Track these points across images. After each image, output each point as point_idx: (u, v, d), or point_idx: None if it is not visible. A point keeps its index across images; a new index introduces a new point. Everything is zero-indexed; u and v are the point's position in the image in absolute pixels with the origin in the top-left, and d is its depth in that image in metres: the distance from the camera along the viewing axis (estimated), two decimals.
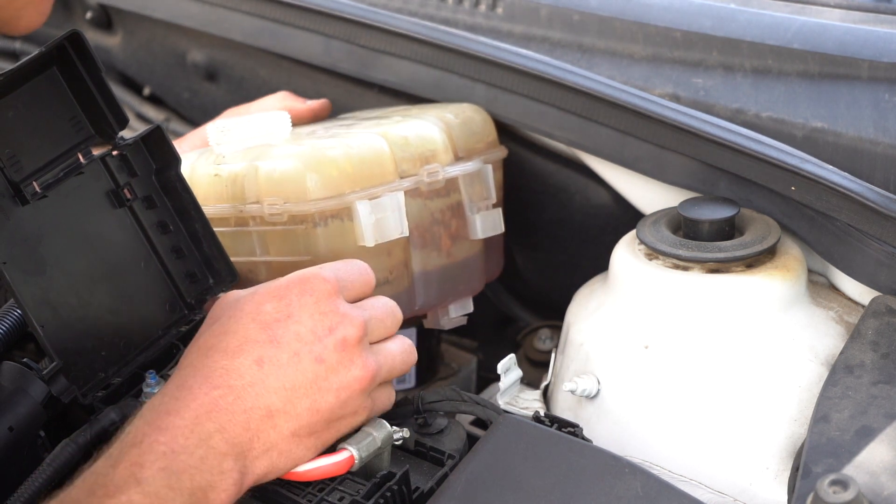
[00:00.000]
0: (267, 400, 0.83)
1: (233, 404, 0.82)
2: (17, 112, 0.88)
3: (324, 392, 0.84)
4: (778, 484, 0.91)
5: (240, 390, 0.82)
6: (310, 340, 0.85)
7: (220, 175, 1.10)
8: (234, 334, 0.85)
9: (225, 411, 0.81)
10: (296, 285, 0.87)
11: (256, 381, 0.83)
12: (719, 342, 0.97)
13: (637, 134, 1.10)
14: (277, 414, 0.83)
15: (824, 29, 1.10)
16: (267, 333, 0.84)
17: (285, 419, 0.83)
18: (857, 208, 0.97)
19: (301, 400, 0.84)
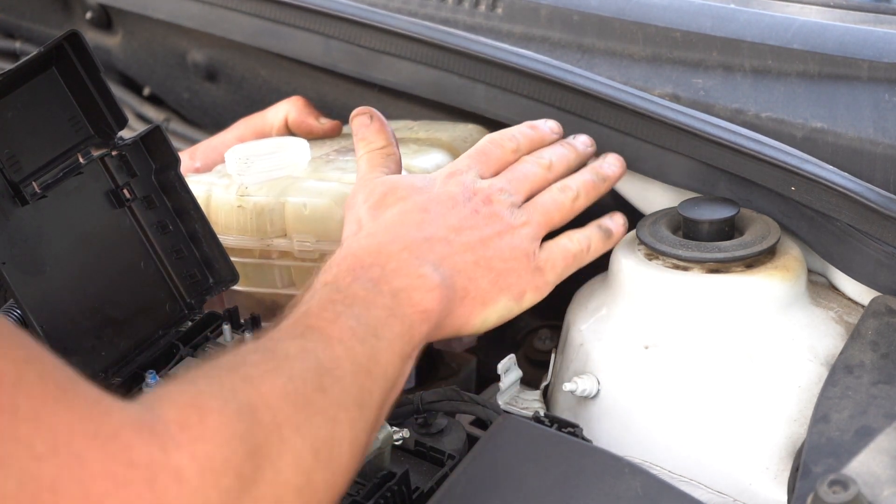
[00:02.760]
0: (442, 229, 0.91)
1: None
2: (17, 112, 0.89)
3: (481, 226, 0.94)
4: (777, 484, 0.91)
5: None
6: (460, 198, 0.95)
7: (245, 207, 1.10)
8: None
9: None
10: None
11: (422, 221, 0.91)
12: (719, 342, 0.96)
13: (637, 134, 1.10)
14: (450, 240, 0.91)
15: (824, 29, 1.10)
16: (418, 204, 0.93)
17: (461, 245, 0.92)
18: (857, 208, 0.97)
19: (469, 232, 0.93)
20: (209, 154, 1.30)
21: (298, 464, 0.67)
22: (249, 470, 0.63)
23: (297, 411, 0.69)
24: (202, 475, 0.60)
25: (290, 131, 1.31)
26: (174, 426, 0.61)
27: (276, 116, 1.31)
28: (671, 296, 0.99)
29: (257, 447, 0.64)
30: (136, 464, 0.58)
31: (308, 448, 0.68)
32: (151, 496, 0.58)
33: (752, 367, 0.95)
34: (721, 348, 0.96)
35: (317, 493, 0.68)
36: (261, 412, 0.66)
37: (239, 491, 0.62)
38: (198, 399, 0.65)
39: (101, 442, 0.58)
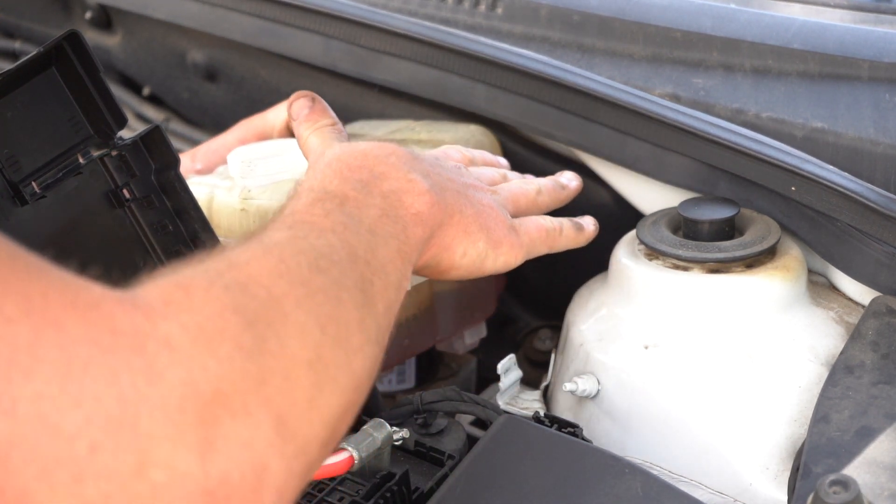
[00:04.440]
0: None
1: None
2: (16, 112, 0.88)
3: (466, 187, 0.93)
4: (778, 484, 0.91)
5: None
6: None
7: (248, 210, 1.10)
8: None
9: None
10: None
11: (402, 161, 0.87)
12: (719, 342, 0.96)
13: (637, 134, 1.10)
14: (435, 168, 0.90)
15: (824, 29, 1.10)
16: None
17: (446, 176, 0.91)
18: (857, 208, 0.96)
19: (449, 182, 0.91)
20: (210, 156, 1.30)
21: (305, 337, 0.62)
22: (250, 340, 0.58)
23: (294, 287, 0.64)
24: (195, 343, 0.55)
25: (291, 132, 1.30)
26: (158, 301, 0.57)
27: (277, 118, 1.30)
28: (671, 296, 0.99)
29: (256, 318, 0.59)
30: (120, 331, 0.54)
31: (313, 322, 0.63)
32: (142, 363, 0.53)
33: (752, 367, 0.95)
34: (721, 348, 0.96)
35: (329, 370, 0.63)
36: (253, 288, 0.61)
37: (243, 360, 0.57)
38: (181, 279, 0.60)
39: (80, 311, 0.53)
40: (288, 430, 0.58)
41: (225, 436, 0.54)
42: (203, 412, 0.54)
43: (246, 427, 0.56)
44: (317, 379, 0.61)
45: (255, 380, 0.57)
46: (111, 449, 0.51)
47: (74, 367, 0.51)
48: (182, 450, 0.53)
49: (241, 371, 0.56)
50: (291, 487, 0.58)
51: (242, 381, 0.56)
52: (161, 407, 0.53)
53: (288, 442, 0.58)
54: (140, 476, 0.52)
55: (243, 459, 0.55)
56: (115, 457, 0.51)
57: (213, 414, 0.54)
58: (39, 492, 0.50)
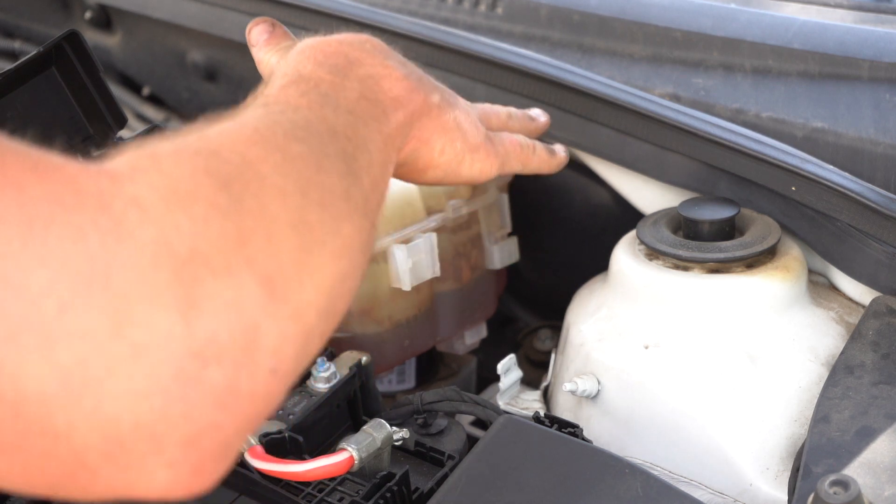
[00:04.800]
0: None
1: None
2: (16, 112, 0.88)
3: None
4: (778, 484, 0.91)
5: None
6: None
7: None
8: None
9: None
10: None
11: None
12: (719, 342, 0.96)
13: (637, 134, 1.10)
14: (411, 68, 0.85)
15: (825, 29, 1.10)
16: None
17: (421, 75, 0.86)
18: (857, 208, 0.96)
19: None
20: None
21: (285, 200, 0.59)
22: (226, 200, 0.55)
23: (270, 153, 0.61)
24: (166, 203, 0.53)
25: None
26: (124, 167, 0.54)
27: None
28: (671, 296, 0.99)
29: (230, 180, 0.56)
30: (84, 191, 0.51)
31: (293, 186, 0.60)
32: (109, 222, 0.50)
33: (752, 367, 0.95)
34: (721, 348, 0.96)
35: (316, 234, 0.60)
36: (225, 153, 0.58)
37: (220, 219, 0.54)
38: (147, 147, 0.57)
39: (40, 173, 0.50)
40: (277, 291, 0.56)
41: (208, 295, 0.52)
42: (180, 271, 0.52)
43: (230, 287, 0.53)
44: (302, 241, 0.59)
45: (234, 239, 0.55)
46: (82, 307, 0.49)
47: (36, 225, 0.49)
48: (161, 309, 0.50)
49: (218, 230, 0.54)
50: (290, 354, 0.56)
51: (221, 239, 0.54)
52: (133, 266, 0.50)
53: (279, 303, 0.55)
54: (117, 336, 0.49)
55: (231, 319, 0.53)
56: (87, 316, 0.49)
57: (193, 273, 0.52)
58: (8, 356, 0.48)
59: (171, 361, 0.50)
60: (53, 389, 0.48)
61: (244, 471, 0.86)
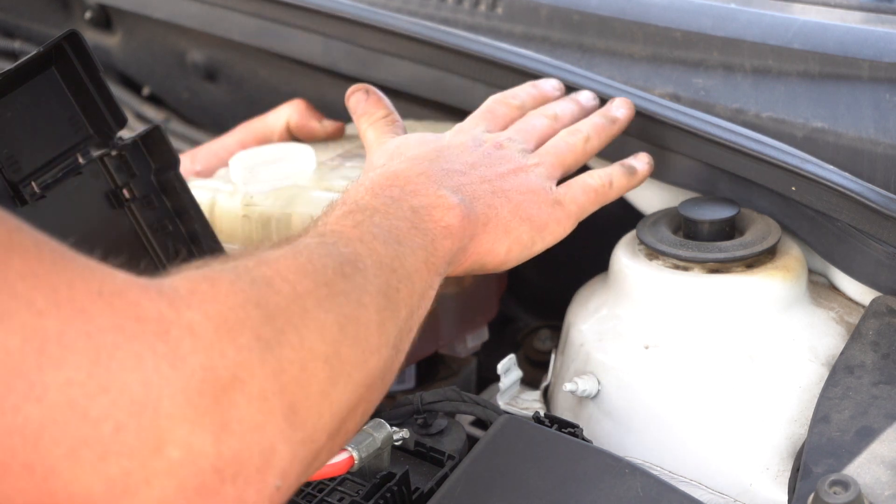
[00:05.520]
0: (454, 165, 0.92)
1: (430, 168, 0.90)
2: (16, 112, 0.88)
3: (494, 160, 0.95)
4: (778, 484, 0.91)
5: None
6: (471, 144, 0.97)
7: (250, 217, 1.10)
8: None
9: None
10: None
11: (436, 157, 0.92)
12: (719, 342, 0.96)
13: (637, 134, 1.10)
14: (466, 172, 0.92)
15: (825, 29, 1.10)
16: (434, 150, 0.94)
17: (477, 176, 0.93)
18: (857, 208, 0.96)
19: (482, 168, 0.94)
20: (209, 158, 1.29)
21: (324, 334, 0.65)
22: (270, 332, 0.61)
23: (318, 287, 0.67)
24: (217, 331, 0.58)
25: (291, 135, 1.30)
26: (183, 290, 0.60)
27: (278, 120, 1.30)
28: (671, 296, 0.99)
29: (276, 312, 0.62)
30: (145, 318, 0.56)
31: (333, 321, 0.66)
32: (165, 349, 0.56)
33: (752, 367, 0.95)
34: (721, 348, 0.96)
35: (345, 367, 0.66)
36: (277, 284, 0.64)
37: (261, 351, 0.60)
38: (208, 272, 0.63)
39: (105, 299, 0.56)
40: (298, 418, 0.61)
41: (239, 419, 0.57)
42: (220, 395, 0.57)
43: (260, 411, 0.59)
44: (332, 373, 0.64)
45: (272, 368, 0.60)
46: (134, 429, 0.54)
47: (102, 354, 0.54)
48: (198, 430, 0.56)
49: (259, 360, 0.59)
50: (295, 472, 0.61)
51: (260, 368, 0.59)
52: (182, 390, 0.56)
53: (297, 429, 0.61)
54: (158, 454, 0.55)
55: (254, 441, 0.58)
56: (137, 436, 0.54)
57: (230, 398, 0.57)
58: (66, 470, 0.53)
59: (198, 476, 0.56)
60: (99, 494, 0.54)
61: None
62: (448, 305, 1.15)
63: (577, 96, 1.08)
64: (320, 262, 0.69)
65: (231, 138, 1.32)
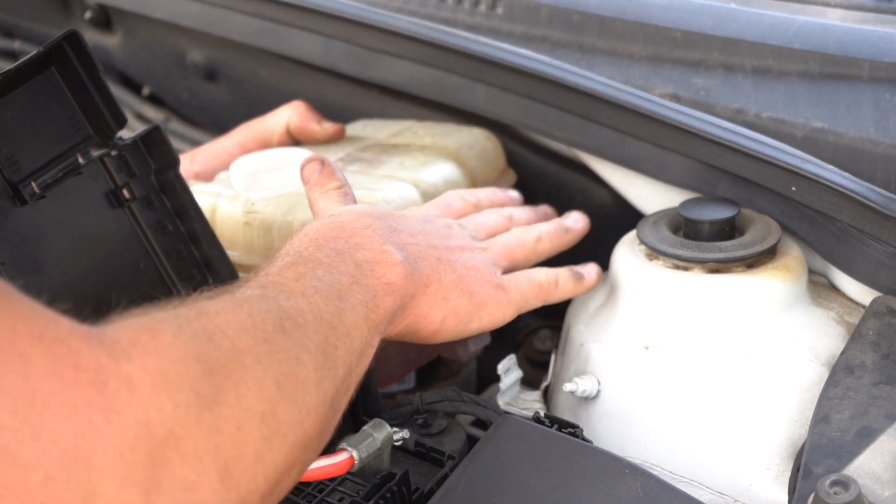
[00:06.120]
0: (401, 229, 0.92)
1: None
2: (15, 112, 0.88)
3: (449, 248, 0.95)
4: (778, 485, 0.91)
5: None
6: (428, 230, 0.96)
7: (251, 224, 1.10)
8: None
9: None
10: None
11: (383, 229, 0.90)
12: (720, 342, 0.96)
13: (637, 134, 1.10)
14: (415, 235, 0.92)
15: (825, 29, 1.10)
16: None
17: (425, 243, 0.93)
18: (857, 208, 0.96)
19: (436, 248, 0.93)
20: (209, 159, 1.29)
21: (261, 392, 0.64)
22: (208, 389, 0.60)
23: (258, 344, 0.66)
24: (154, 386, 0.57)
25: (291, 137, 1.30)
26: (125, 341, 0.58)
27: (278, 122, 1.30)
28: (672, 296, 0.99)
29: (216, 368, 0.61)
30: (83, 368, 0.55)
31: (271, 379, 0.65)
32: (101, 401, 0.55)
33: (752, 367, 0.95)
34: (721, 348, 0.96)
35: (281, 426, 0.65)
36: (218, 339, 0.64)
37: (198, 408, 0.59)
38: (150, 323, 0.62)
39: (46, 344, 0.55)
40: (232, 479, 0.60)
41: (171, 477, 0.57)
42: (154, 452, 0.56)
43: (193, 471, 0.58)
44: (268, 433, 0.64)
45: (208, 427, 0.59)
46: (63, 481, 0.53)
47: (36, 400, 0.53)
48: (129, 487, 0.55)
49: (195, 417, 0.59)
50: None
51: (196, 427, 0.59)
52: (114, 444, 0.55)
53: (230, 490, 0.60)
54: None
55: (186, 501, 0.57)
56: (66, 489, 0.53)
57: (164, 455, 0.56)
58: None
59: None
60: None
61: None
62: None
63: (536, 207, 1.10)
64: (260, 316, 0.69)
65: (230, 140, 1.31)
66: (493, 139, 1.24)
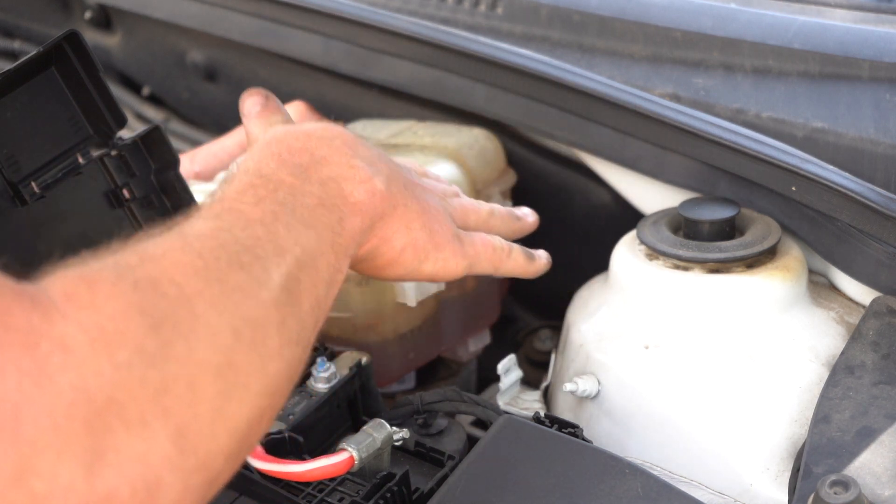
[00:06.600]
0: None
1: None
2: (15, 112, 0.88)
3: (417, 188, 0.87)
4: (778, 485, 0.91)
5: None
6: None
7: None
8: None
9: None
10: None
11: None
12: (719, 342, 0.96)
13: (637, 134, 1.10)
14: (383, 159, 0.84)
15: (825, 29, 1.10)
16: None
17: (393, 170, 0.85)
18: (857, 208, 0.96)
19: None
20: (209, 159, 1.29)
21: (215, 341, 0.58)
22: (154, 345, 0.54)
23: (210, 285, 0.60)
24: (92, 346, 0.52)
25: None
26: (59, 296, 0.53)
27: None
28: (672, 296, 0.99)
29: (162, 320, 0.55)
30: (12, 327, 0.50)
31: (226, 325, 0.59)
32: (31, 364, 0.49)
33: (752, 367, 0.95)
34: (721, 348, 0.96)
35: (241, 377, 0.59)
36: (164, 285, 0.57)
37: (143, 367, 0.53)
38: (88, 272, 0.56)
39: None
40: (188, 443, 0.55)
41: (116, 447, 0.51)
42: (93, 420, 0.50)
43: (140, 439, 0.52)
44: (225, 387, 0.58)
45: (155, 388, 0.53)
46: None
47: None
48: (66, 460, 0.49)
49: (139, 378, 0.53)
50: (190, 503, 0.55)
51: (141, 388, 0.53)
52: (47, 413, 0.49)
53: (187, 455, 0.54)
54: (18, 485, 0.48)
55: (135, 474, 0.51)
56: None
57: (105, 423, 0.51)
58: None
59: None
60: None
61: (244, 471, 0.86)
62: (451, 310, 1.15)
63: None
64: (213, 254, 0.62)
65: (230, 140, 1.31)
66: (494, 139, 1.24)
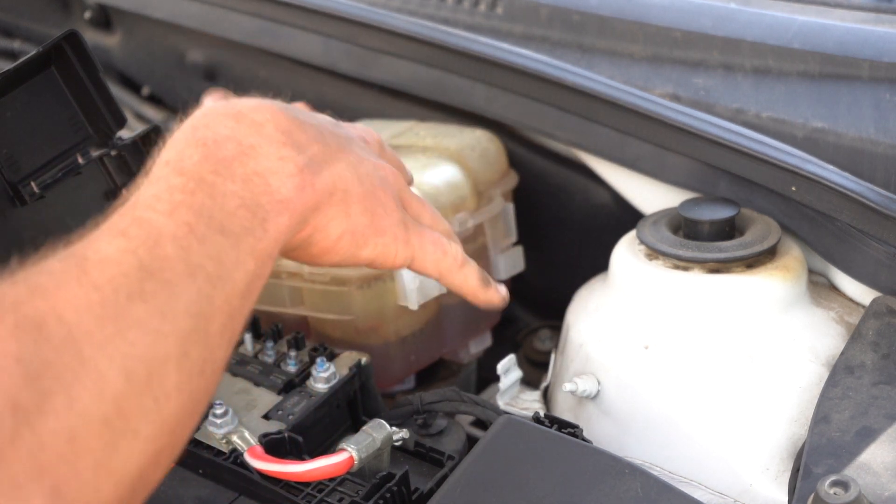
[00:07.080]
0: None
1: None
2: (15, 112, 0.88)
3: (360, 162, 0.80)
4: (778, 485, 0.91)
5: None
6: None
7: None
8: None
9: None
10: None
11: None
12: (719, 342, 0.96)
13: (637, 134, 1.10)
14: (324, 135, 0.77)
15: (825, 29, 1.10)
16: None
17: (336, 145, 0.78)
18: (857, 208, 0.96)
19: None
20: None
21: (103, 389, 0.53)
22: (30, 398, 0.50)
23: (103, 325, 0.55)
24: None
25: None
26: None
27: None
28: (671, 296, 0.99)
29: (42, 368, 0.51)
30: None
31: (116, 369, 0.54)
32: None
33: (752, 367, 0.95)
34: (721, 348, 0.96)
35: (131, 423, 0.54)
36: (51, 325, 0.53)
37: (15, 424, 0.49)
38: None
39: None
40: (66, 502, 0.51)
41: None
42: None
43: (11, 502, 0.49)
44: (111, 437, 0.54)
45: (28, 447, 0.49)
46: None
47: None
48: None
49: (10, 436, 0.49)
50: None
51: (11, 448, 0.49)
52: None
53: None
54: None
55: None
56: None
57: None
58: None
59: None
60: None
61: (244, 471, 0.86)
62: (453, 313, 1.15)
63: None
64: (111, 284, 0.57)
65: None
66: (496, 140, 1.24)
